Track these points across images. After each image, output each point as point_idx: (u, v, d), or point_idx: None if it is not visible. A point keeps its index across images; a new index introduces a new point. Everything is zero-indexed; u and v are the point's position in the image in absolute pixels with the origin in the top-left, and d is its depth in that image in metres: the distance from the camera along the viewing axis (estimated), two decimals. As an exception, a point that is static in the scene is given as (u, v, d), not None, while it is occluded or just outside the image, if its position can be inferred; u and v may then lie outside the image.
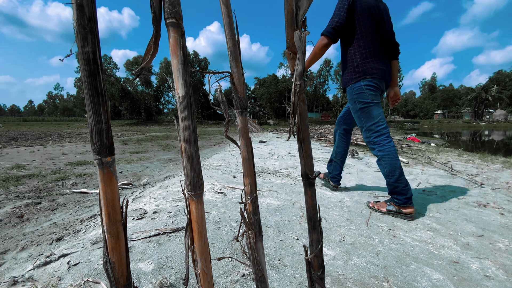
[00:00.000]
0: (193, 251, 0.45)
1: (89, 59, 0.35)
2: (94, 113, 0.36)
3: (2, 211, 2.45)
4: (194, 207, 0.44)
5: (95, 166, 2.52)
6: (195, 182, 0.43)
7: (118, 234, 0.39)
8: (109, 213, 0.38)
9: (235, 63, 0.49)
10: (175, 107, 46.79)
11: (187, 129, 0.42)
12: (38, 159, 5.25)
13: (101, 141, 0.37)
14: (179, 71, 0.41)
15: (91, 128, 0.36)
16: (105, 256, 0.39)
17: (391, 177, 1.77)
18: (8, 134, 12.97)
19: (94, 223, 1.69)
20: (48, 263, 1.04)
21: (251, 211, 0.52)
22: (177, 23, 0.40)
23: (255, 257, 0.52)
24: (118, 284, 0.39)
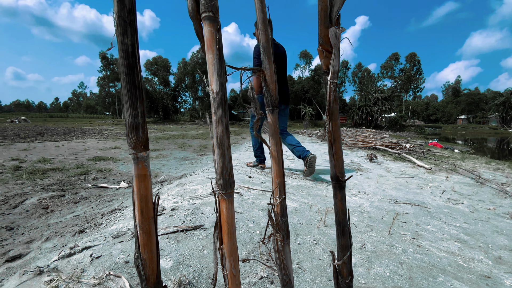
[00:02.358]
0: (222, 252, 0.44)
1: (128, 52, 0.34)
2: (131, 107, 0.35)
3: (29, 202, 2.58)
4: (225, 206, 0.43)
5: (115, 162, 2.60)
6: (226, 180, 0.42)
7: (150, 230, 0.39)
8: (142, 209, 0.38)
9: (268, 60, 0.48)
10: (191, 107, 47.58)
11: (220, 126, 0.41)
12: (62, 153, 5.50)
13: (137, 136, 0.37)
14: (215, 66, 0.40)
15: (127, 122, 0.36)
16: (136, 252, 0.39)
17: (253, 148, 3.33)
18: (36, 129, 13.71)
19: (114, 217, 1.73)
20: (72, 254, 1.07)
21: (279, 213, 0.50)
22: (213, 16, 0.39)
23: (282, 261, 0.50)
24: (148, 282, 0.39)
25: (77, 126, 18.52)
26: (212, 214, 1.59)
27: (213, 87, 0.40)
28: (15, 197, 2.69)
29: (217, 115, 0.41)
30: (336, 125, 0.54)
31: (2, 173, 3.63)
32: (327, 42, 0.53)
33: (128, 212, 1.74)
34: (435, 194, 2.51)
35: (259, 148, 3.32)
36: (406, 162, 4.46)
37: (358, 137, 8.00)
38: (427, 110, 72.19)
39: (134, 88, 0.35)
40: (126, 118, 0.36)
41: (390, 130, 25.24)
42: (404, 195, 2.42)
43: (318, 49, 0.54)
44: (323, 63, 0.54)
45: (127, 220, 1.50)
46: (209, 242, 1.24)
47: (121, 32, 0.34)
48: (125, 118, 0.36)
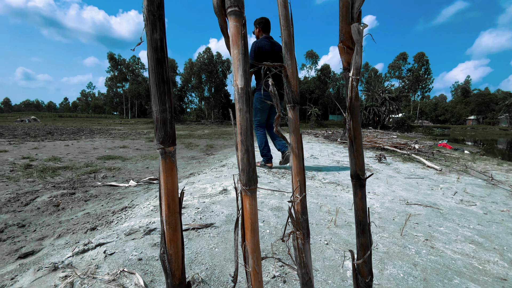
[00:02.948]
0: (244, 249, 0.43)
1: (157, 46, 0.34)
2: (159, 102, 0.35)
3: (40, 199, 2.62)
4: (248, 202, 0.43)
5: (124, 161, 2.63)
6: (250, 176, 0.42)
7: (176, 225, 0.39)
8: (168, 204, 0.38)
9: (289, 55, 0.47)
10: (197, 107, 47.91)
11: (244, 122, 0.41)
12: (72, 152, 5.59)
13: (165, 131, 0.37)
14: (240, 61, 0.39)
15: (156, 117, 0.36)
16: (162, 247, 0.39)
17: (260, 147, 3.22)
18: (46, 128, 13.98)
19: (125, 215, 1.75)
20: (86, 251, 1.08)
21: (299, 211, 0.50)
22: (239, 11, 0.39)
23: (302, 259, 0.50)
24: (174, 277, 0.39)
25: (86, 126, 18.82)
26: (222, 212, 1.59)
27: (238, 83, 0.40)
28: (27, 194, 2.74)
29: (241, 111, 0.41)
30: (356, 122, 0.53)
31: (13, 171, 3.71)
32: (348, 39, 0.52)
33: (139, 210, 1.75)
34: (447, 196, 2.47)
35: (265, 147, 3.24)
36: (415, 163, 4.39)
37: (365, 138, 7.92)
38: (436, 110, 71.06)
39: (163, 83, 0.35)
40: (154, 113, 0.36)
41: (398, 130, 24.91)
42: (415, 196, 2.38)
43: (339, 45, 0.54)
44: (344, 60, 0.53)
45: (138, 218, 1.51)
46: (220, 241, 1.24)
47: (151, 27, 0.34)
48: (153, 113, 0.36)
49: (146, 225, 1.33)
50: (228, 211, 1.62)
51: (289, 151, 2.37)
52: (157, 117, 0.36)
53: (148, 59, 0.35)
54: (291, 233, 0.51)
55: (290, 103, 0.49)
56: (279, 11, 0.47)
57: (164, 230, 0.38)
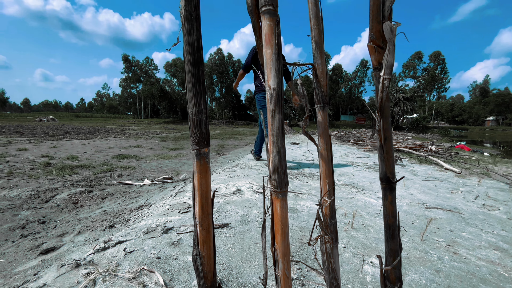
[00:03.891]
0: (274, 252, 0.43)
1: (193, 46, 0.34)
2: (195, 103, 0.35)
3: (59, 196, 2.71)
4: (279, 205, 0.42)
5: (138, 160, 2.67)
6: (281, 179, 0.41)
7: (209, 227, 0.39)
8: (202, 205, 0.38)
9: (320, 55, 0.46)
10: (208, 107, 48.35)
11: (276, 123, 0.40)
12: (88, 151, 5.75)
13: (201, 132, 0.37)
14: (273, 61, 0.39)
15: (191, 118, 0.36)
16: (195, 249, 0.39)
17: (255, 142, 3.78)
18: (63, 128, 14.47)
19: (141, 213, 1.77)
20: (106, 248, 1.10)
21: (328, 215, 0.48)
22: (273, 10, 0.38)
23: (330, 264, 0.49)
24: (206, 279, 0.38)
25: (101, 125, 19.35)
26: (237, 213, 1.59)
27: (270, 83, 0.39)
28: (46, 192, 2.84)
29: (273, 112, 0.40)
30: (387, 123, 0.51)
31: (33, 169, 3.85)
32: (379, 37, 0.51)
33: (155, 209, 1.78)
34: (468, 200, 2.37)
35: (261, 143, 3.82)
36: (433, 165, 4.26)
37: (379, 139, 7.74)
38: (452, 111, 68.77)
39: (199, 84, 0.35)
40: (189, 114, 0.36)
41: (412, 131, 24.25)
42: (434, 199, 2.30)
43: (369, 44, 0.52)
44: (374, 59, 0.51)
45: (155, 216, 1.53)
46: (236, 241, 1.24)
47: (188, 27, 0.34)
48: (188, 114, 0.36)
49: (164, 224, 1.35)
50: (243, 211, 1.62)
51: None
52: (192, 118, 0.36)
53: (185, 60, 0.35)
54: (319, 237, 0.50)
55: (320, 103, 0.48)
56: (309, 10, 0.46)
57: (197, 231, 0.38)
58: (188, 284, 0.91)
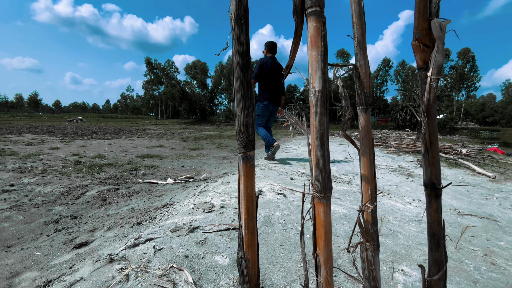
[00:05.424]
0: (316, 258, 0.42)
1: (243, 51, 0.34)
2: (243, 107, 0.35)
3: (89, 193, 2.85)
4: (322, 210, 0.41)
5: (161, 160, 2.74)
6: (325, 183, 0.40)
7: (254, 230, 0.39)
8: (248, 208, 0.38)
9: (363, 55, 0.45)
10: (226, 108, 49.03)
11: (321, 126, 0.39)
12: (114, 150, 6.02)
13: (248, 135, 0.37)
14: (318, 63, 0.38)
15: (239, 122, 0.36)
16: (240, 252, 0.39)
17: (265, 139, 3.77)
18: (91, 128, 15.26)
19: (167, 212, 1.82)
20: (137, 245, 1.14)
21: (369, 221, 0.47)
22: (320, 11, 0.37)
23: (371, 272, 0.47)
24: (250, 283, 0.38)
25: (125, 126, 20.20)
26: (259, 214, 1.59)
27: (315, 85, 0.39)
28: (77, 188, 3.00)
29: (318, 114, 0.39)
30: (433, 126, 0.48)
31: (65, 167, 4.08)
32: (425, 36, 0.48)
33: (180, 207, 1.82)
34: (505, 206, 2.21)
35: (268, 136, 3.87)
36: (463, 169, 4.02)
37: (404, 141, 7.44)
38: (483, 111, 64.54)
39: (247, 88, 0.35)
40: (237, 117, 0.36)
41: (439, 133, 23.04)
42: (467, 205, 2.17)
43: (413, 43, 0.50)
44: (419, 58, 0.49)
45: (180, 215, 1.57)
46: (260, 243, 1.23)
47: (238, 31, 0.34)
48: (236, 118, 0.36)
49: (189, 223, 1.38)
50: (265, 213, 1.62)
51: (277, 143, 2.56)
52: (240, 122, 0.36)
53: (234, 64, 0.35)
54: (359, 243, 0.48)
55: (363, 105, 0.46)
56: (352, 9, 0.44)
57: (243, 234, 0.38)
58: (216, 284, 0.92)
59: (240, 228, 0.39)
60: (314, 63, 0.38)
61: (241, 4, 0.33)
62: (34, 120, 26.30)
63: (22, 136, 8.77)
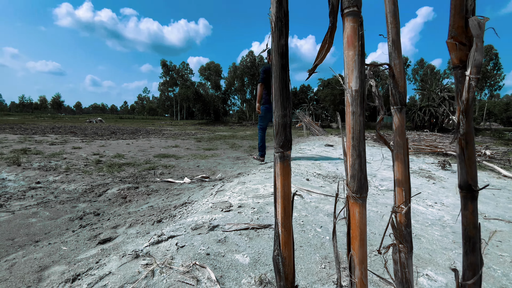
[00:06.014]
0: (350, 258, 0.42)
1: (282, 52, 0.35)
2: (281, 107, 0.36)
3: (110, 191, 2.95)
4: (358, 211, 0.41)
5: (177, 160, 2.79)
6: (362, 184, 0.40)
7: (290, 228, 0.39)
8: (285, 207, 0.38)
9: (397, 54, 0.44)
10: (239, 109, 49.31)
11: (357, 126, 0.39)
12: (132, 150, 6.20)
13: (285, 135, 0.37)
14: (355, 63, 0.38)
15: (277, 122, 0.37)
16: (276, 249, 0.39)
17: (259, 144, 4.24)
18: (109, 129, 15.79)
19: (186, 210, 1.86)
20: (160, 242, 1.18)
21: (403, 223, 0.46)
22: (357, 11, 0.38)
23: (404, 274, 0.46)
24: (287, 280, 0.39)
25: (142, 126, 20.75)
26: (277, 215, 1.59)
27: (352, 85, 0.39)
28: (99, 187, 3.12)
29: (354, 114, 0.39)
30: (470, 126, 0.47)
31: (86, 166, 4.25)
32: (461, 34, 0.47)
33: (198, 206, 1.85)
34: (536, 212, 2.09)
35: (263, 145, 4.27)
36: (488, 171, 3.84)
37: (423, 142, 7.20)
38: (508, 111, 61.27)
39: (286, 88, 0.36)
40: (275, 117, 0.37)
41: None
42: (493, 209, 2.07)
43: (448, 41, 0.48)
44: (455, 57, 0.48)
45: (199, 214, 1.60)
46: (280, 243, 1.24)
47: (278, 33, 0.35)
48: (274, 118, 0.37)
49: (209, 221, 1.40)
50: (283, 213, 1.62)
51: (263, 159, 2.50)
52: (278, 122, 0.37)
53: (273, 66, 0.36)
54: (392, 245, 0.47)
55: (397, 105, 0.46)
56: (386, 8, 0.44)
57: (279, 232, 0.39)
58: (238, 282, 0.93)
59: (276, 226, 0.39)
60: (351, 63, 0.38)
61: (282, 6, 0.34)
62: (57, 121, 27.54)
63: (46, 136, 9.20)
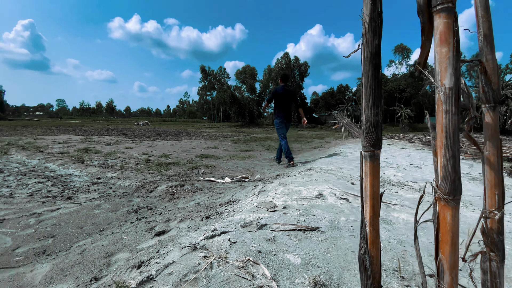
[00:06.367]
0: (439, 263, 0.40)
1: (376, 52, 0.36)
2: (373, 106, 0.37)
3: (160, 188, 3.18)
4: (450, 213, 0.39)
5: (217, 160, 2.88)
6: (455, 185, 0.39)
7: (378, 228, 0.39)
8: (373, 206, 0.39)
9: (490, 49, 0.41)
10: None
11: (451, 125, 0.38)
12: (176, 150, 6.60)
13: (377, 134, 0.38)
14: (449, 60, 0.37)
15: (368, 120, 0.38)
16: (363, 248, 0.40)
17: (285, 152, 4.61)
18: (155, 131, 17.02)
19: (231, 208, 1.93)
20: (214, 236, 1.24)
21: (494, 229, 0.43)
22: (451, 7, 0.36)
23: (495, 285, 0.43)
24: (374, 279, 0.39)
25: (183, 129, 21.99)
26: (324, 217, 1.56)
27: (446, 82, 0.38)
28: (150, 183, 3.38)
29: (448, 113, 0.38)
30: None
31: (138, 164, 4.64)
32: None
33: (243, 205, 1.91)
34: None
35: (289, 150, 4.66)
36: None
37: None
38: None
39: (378, 87, 0.36)
40: (366, 116, 0.38)
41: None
42: None
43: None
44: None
45: (245, 212, 1.64)
46: (330, 247, 1.21)
47: (371, 33, 0.35)
48: (364, 117, 0.38)
49: (257, 220, 1.44)
50: (330, 217, 1.58)
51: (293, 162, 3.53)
52: (369, 121, 0.37)
53: (365, 65, 0.37)
54: (481, 253, 0.44)
55: (490, 103, 0.43)
56: (476, 2, 0.42)
57: (367, 231, 0.39)
58: (292, 282, 0.94)
59: (364, 225, 0.40)
60: (444, 60, 0.37)
61: (376, 7, 0.34)
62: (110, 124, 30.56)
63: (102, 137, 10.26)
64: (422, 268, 0.42)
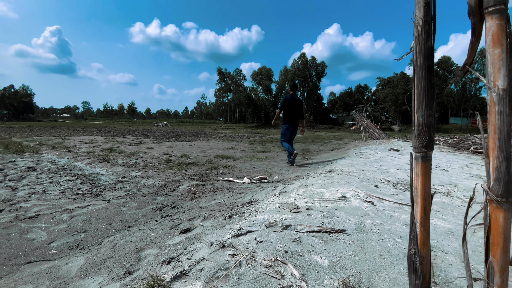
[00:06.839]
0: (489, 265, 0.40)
1: (429, 54, 0.36)
2: (426, 107, 0.37)
3: (182, 187, 3.27)
4: (502, 216, 0.39)
5: (234, 161, 2.88)
6: (509, 188, 0.38)
7: (429, 229, 0.40)
8: (425, 207, 0.39)
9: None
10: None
11: (505, 126, 0.37)
12: (195, 151, 6.74)
13: (429, 135, 0.38)
14: (503, 61, 0.37)
15: (420, 121, 0.38)
16: (413, 248, 0.40)
17: (288, 149, 5.00)
18: (174, 132, 17.47)
19: (253, 208, 1.95)
20: (240, 235, 1.27)
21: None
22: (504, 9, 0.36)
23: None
24: (424, 280, 0.40)
25: (201, 130, 22.40)
26: (349, 220, 1.54)
27: (499, 83, 0.37)
28: (172, 182, 3.48)
29: (502, 114, 0.37)
30: None
31: (160, 164, 4.78)
32: None
33: (265, 205, 1.92)
34: None
35: (290, 147, 5.04)
36: None
37: None
38: None
39: (431, 88, 0.37)
40: (418, 117, 0.38)
41: None
42: None
43: None
44: None
45: (268, 213, 1.66)
46: (357, 249, 1.20)
47: (425, 36, 0.36)
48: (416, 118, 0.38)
49: (281, 221, 1.45)
50: (355, 219, 1.56)
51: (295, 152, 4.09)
52: (422, 122, 0.38)
53: (417, 67, 0.37)
54: None
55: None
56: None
57: (417, 232, 0.40)
58: (320, 283, 0.94)
59: (414, 225, 0.40)
60: (497, 61, 0.37)
61: (429, 10, 0.35)
62: (132, 125, 31.74)
63: (125, 138, 10.68)
64: (469, 271, 0.41)
